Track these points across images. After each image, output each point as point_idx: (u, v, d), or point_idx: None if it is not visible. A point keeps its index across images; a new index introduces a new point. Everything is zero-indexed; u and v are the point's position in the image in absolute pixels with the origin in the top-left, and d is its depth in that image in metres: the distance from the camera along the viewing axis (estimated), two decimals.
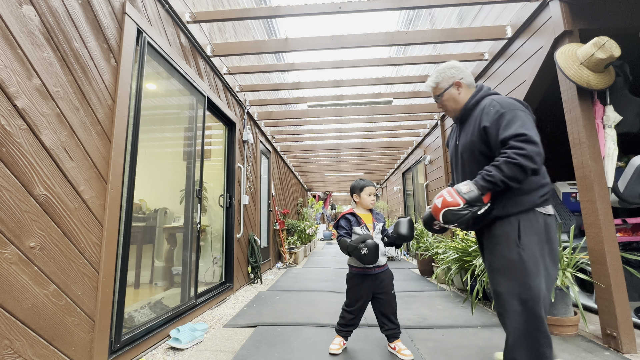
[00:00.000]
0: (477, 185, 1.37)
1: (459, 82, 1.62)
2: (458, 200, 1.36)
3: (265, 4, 6.07)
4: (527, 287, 1.33)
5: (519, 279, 1.35)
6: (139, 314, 2.28)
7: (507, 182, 1.32)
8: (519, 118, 1.36)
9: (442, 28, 3.18)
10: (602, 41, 1.99)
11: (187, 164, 2.99)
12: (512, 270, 1.37)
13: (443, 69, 1.66)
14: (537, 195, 1.41)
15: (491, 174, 1.34)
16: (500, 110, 1.41)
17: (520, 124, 1.34)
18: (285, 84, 4.49)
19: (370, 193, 2.12)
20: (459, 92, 1.62)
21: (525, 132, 1.31)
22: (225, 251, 3.83)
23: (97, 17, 1.81)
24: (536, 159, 1.28)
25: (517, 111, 1.39)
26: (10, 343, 1.27)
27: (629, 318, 1.95)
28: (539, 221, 1.40)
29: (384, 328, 2.02)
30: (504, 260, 1.40)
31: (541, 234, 1.39)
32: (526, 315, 1.33)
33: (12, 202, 1.30)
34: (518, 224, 1.39)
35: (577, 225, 3.35)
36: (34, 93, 1.42)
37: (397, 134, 6.64)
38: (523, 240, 1.37)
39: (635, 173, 2.53)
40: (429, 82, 1.70)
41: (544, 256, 1.38)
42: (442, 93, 1.64)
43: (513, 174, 1.30)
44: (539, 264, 1.36)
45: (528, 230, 1.38)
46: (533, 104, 2.92)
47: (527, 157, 1.28)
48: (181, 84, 2.82)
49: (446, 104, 1.65)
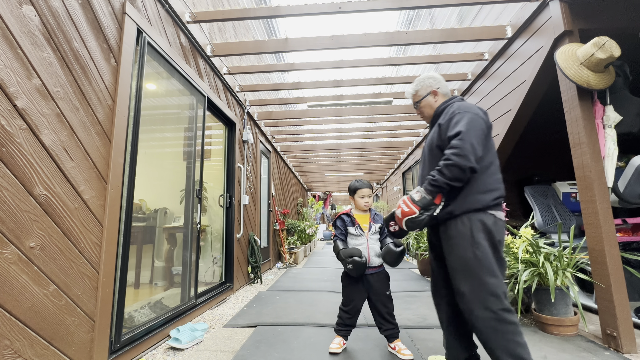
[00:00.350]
0: (426, 190, 1.47)
1: (435, 91, 1.74)
2: (414, 209, 1.48)
3: (265, 4, 6.07)
4: (486, 284, 1.38)
5: (478, 277, 1.40)
6: (139, 314, 2.28)
7: (450, 183, 1.41)
8: (465, 119, 1.45)
9: (442, 28, 3.19)
10: (602, 41, 1.99)
11: (187, 164, 2.99)
12: (470, 269, 1.42)
13: (422, 78, 1.79)
14: (490, 197, 1.47)
15: (435, 178, 1.44)
16: (455, 112, 1.52)
17: (463, 124, 1.43)
18: (285, 84, 4.49)
19: (364, 196, 2.12)
20: (435, 99, 1.75)
21: (462, 130, 1.41)
22: (225, 251, 3.83)
23: (97, 17, 1.81)
24: (470, 157, 1.37)
25: (468, 114, 1.47)
26: (10, 343, 1.27)
27: (629, 318, 1.95)
28: (489, 222, 1.45)
29: (382, 329, 2.02)
30: (462, 260, 1.45)
31: (491, 235, 1.44)
32: (491, 311, 1.36)
33: (12, 202, 1.30)
34: (470, 224, 1.45)
35: (577, 225, 3.35)
36: (34, 93, 1.42)
37: (397, 134, 6.64)
38: (476, 239, 1.43)
39: (635, 173, 2.54)
40: (409, 89, 1.83)
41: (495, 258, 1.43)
42: (420, 100, 1.78)
43: (453, 174, 1.40)
44: (493, 262, 1.41)
45: (480, 230, 1.44)
46: (533, 104, 2.93)
47: (461, 156, 1.37)
48: (181, 84, 2.82)
49: (423, 110, 1.79)
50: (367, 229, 2.09)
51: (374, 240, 2.09)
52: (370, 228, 2.10)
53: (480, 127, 1.44)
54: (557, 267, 2.27)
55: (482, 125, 1.46)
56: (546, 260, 2.30)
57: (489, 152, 1.51)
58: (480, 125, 1.45)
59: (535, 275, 2.27)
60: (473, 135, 1.41)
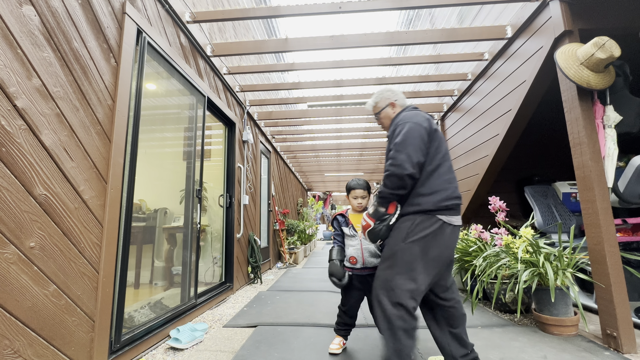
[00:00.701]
0: (377, 203, 1.59)
1: (393, 103, 1.83)
2: (370, 222, 1.61)
3: (265, 4, 6.07)
4: (390, 281, 1.48)
5: (389, 272, 1.50)
6: (139, 314, 2.28)
7: (394, 192, 1.51)
8: (404, 129, 1.54)
9: (442, 28, 3.18)
10: (602, 41, 1.99)
11: (187, 164, 2.99)
12: (390, 261, 1.53)
13: (381, 91, 1.89)
14: (435, 198, 1.51)
15: (380, 190, 1.54)
16: (398, 123, 1.61)
17: (401, 135, 1.52)
18: (285, 84, 4.49)
19: (357, 196, 2.11)
20: (393, 111, 1.83)
21: (398, 142, 1.51)
22: (225, 251, 3.83)
23: (97, 17, 1.81)
24: (405, 165, 1.45)
25: (408, 123, 1.55)
26: (10, 343, 1.27)
27: (629, 318, 1.95)
28: (434, 225, 1.49)
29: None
30: (389, 250, 1.56)
31: (429, 239, 1.48)
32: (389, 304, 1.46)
33: (12, 202, 1.30)
34: (411, 223, 1.52)
35: (577, 225, 3.35)
36: (34, 93, 1.42)
37: None
38: (410, 239, 1.49)
39: (635, 173, 2.54)
40: (369, 102, 1.93)
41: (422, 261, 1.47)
42: (380, 111, 1.87)
43: (393, 184, 1.49)
44: (415, 265, 1.47)
45: (418, 231, 1.50)
46: (533, 104, 2.92)
47: (396, 165, 1.47)
48: (181, 84, 2.82)
49: (383, 121, 1.88)
50: (360, 229, 2.08)
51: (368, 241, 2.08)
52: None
53: (418, 135, 1.51)
54: (557, 267, 2.27)
55: (420, 132, 1.52)
56: (546, 260, 2.30)
57: (436, 156, 1.56)
58: (419, 132, 1.52)
59: (535, 275, 2.27)
60: (409, 144, 1.49)
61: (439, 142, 1.60)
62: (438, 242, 1.50)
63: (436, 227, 1.50)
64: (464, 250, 3.21)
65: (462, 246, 3.31)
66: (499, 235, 2.78)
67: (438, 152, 1.58)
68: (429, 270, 1.49)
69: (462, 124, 4.40)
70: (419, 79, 4.09)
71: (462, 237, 3.54)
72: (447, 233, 1.51)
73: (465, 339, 1.61)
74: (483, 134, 3.71)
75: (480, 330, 2.35)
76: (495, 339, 2.18)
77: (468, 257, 3.10)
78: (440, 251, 1.51)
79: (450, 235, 1.53)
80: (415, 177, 1.50)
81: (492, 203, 2.88)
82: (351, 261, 2.00)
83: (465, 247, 3.23)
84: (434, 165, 1.55)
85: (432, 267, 1.49)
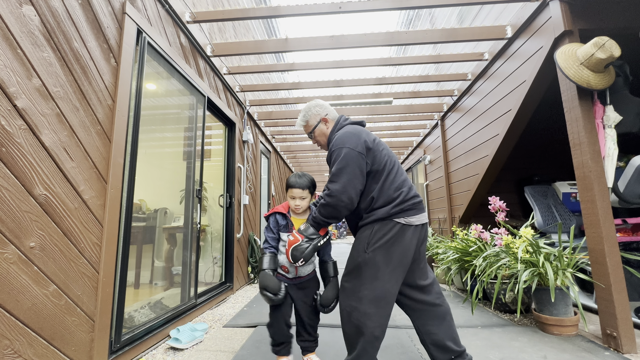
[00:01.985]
0: (310, 223, 1.59)
1: (325, 119, 1.76)
2: (298, 238, 1.58)
3: (265, 4, 6.07)
4: (358, 292, 1.46)
5: (356, 283, 1.48)
6: (139, 314, 2.28)
7: (327, 220, 1.53)
8: (339, 157, 1.50)
9: (442, 28, 3.18)
10: (602, 41, 1.99)
11: (187, 164, 2.99)
12: (354, 272, 1.50)
13: (309, 107, 1.79)
14: (387, 209, 1.49)
15: (315, 216, 1.56)
16: (332, 147, 1.57)
17: (337, 163, 1.49)
18: (285, 84, 4.49)
19: (294, 196, 1.75)
20: (327, 127, 1.76)
21: (334, 172, 1.49)
22: (225, 251, 3.83)
23: (97, 17, 1.81)
24: (341, 197, 1.45)
25: (343, 149, 1.51)
26: (10, 343, 1.27)
27: (629, 318, 1.95)
28: (393, 230, 1.47)
29: (299, 337, 1.83)
30: (352, 262, 1.53)
31: (390, 244, 1.46)
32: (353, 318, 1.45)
33: (12, 202, 1.30)
34: (371, 231, 1.50)
35: (577, 225, 3.35)
36: (34, 93, 1.42)
37: (397, 134, 6.64)
38: (371, 247, 1.47)
39: (635, 173, 2.54)
40: (299, 121, 1.83)
41: (387, 267, 1.46)
42: (312, 129, 1.78)
43: (328, 213, 1.51)
44: (380, 274, 1.45)
45: (378, 238, 1.47)
46: (533, 104, 2.92)
47: (332, 197, 1.47)
48: (181, 84, 2.82)
49: (319, 139, 1.79)
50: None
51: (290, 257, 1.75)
52: None
53: (354, 163, 1.48)
54: (557, 267, 2.27)
55: (356, 158, 1.48)
56: (546, 260, 2.30)
57: (380, 168, 1.52)
58: (355, 159, 1.48)
59: (535, 275, 2.27)
60: (345, 173, 1.46)
61: (380, 152, 1.55)
62: (400, 245, 1.46)
63: (395, 230, 1.46)
64: (464, 250, 3.21)
65: (462, 246, 3.31)
66: (499, 235, 2.78)
67: (381, 163, 1.53)
68: (396, 275, 1.47)
69: (462, 124, 4.40)
70: (419, 79, 4.09)
71: (462, 237, 3.54)
72: (408, 235, 1.48)
73: (450, 345, 1.49)
74: (483, 134, 3.71)
75: (480, 330, 2.35)
76: (495, 339, 2.18)
77: (468, 257, 3.10)
78: (404, 254, 1.47)
79: (412, 237, 1.49)
80: (350, 208, 1.49)
81: (492, 203, 2.88)
82: (283, 269, 1.76)
83: (465, 247, 3.24)
84: (382, 177, 1.52)
85: (398, 272, 1.47)
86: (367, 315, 1.42)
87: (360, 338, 1.43)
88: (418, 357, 1.92)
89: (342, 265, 4.28)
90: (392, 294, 1.47)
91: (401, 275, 1.49)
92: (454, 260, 3.29)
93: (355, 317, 1.44)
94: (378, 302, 1.43)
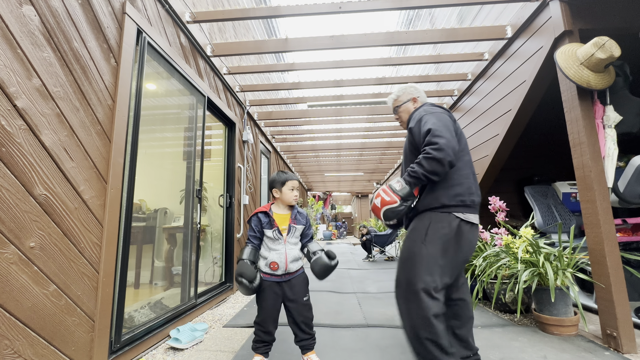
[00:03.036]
0: (406, 181, 1.48)
1: (415, 99, 1.84)
2: (395, 198, 1.48)
3: (265, 4, 6.07)
4: (417, 283, 1.42)
5: (413, 272, 1.45)
6: (139, 314, 2.28)
7: (428, 175, 1.43)
8: (433, 117, 1.51)
9: (442, 28, 3.18)
10: (602, 41, 1.99)
11: (187, 164, 2.99)
12: (410, 262, 1.48)
13: (405, 87, 1.89)
14: (449, 194, 1.50)
15: (414, 170, 1.45)
16: (422, 114, 1.59)
17: (432, 122, 1.48)
18: (285, 84, 4.49)
19: (294, 188, 1.88)
20: (414, 106, 1.83)
21: (433, 128, 1.45)
22: (225, 251, 3.83)
23: (97, 17, 1.81)
24: (448, 151, 1.40)
25: (434, 114, 1.54)
26: (10, 343, 1.27)
27: (629, 318, 1.95)
28: (451, 225, 1.47)
29: (296, 338, 1.83)
30: (408, 252, 1.51)
31: (447, 238, 1.46)
32: (414, 306, 1.41)
33: (12, 202, 1.30)
34: (429, 222, 1.50)
35: (577, 225, 3.35)
36: (34, 93, 1.42)
37: (397, 134, 6.64)
38: (428, 238, 1.47)
39: (635, 173, 2.53)
40: (391, 96, 1.92)
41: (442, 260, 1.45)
42: (400, 105, 1.87)
43: (431, 167, 1.41)
44: (434, 266, 1.44)
45: (435, 231, 1.47)
46: (533, 104, 2.92)
47: (440, 150, 1.40)
48: (181, 84, 2.82)
49: (401, 114, 1.87)
50: (285, 232, 1.83)
51: (293, 244, 1.84)
52: (289, 230, 1.83)
53: (450, 124, 1.50)
54: (557, 267, 2.27)
55: (450, 122, 1.52)
56: (546, 260, 2.30)
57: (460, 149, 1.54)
58: (449, 122, 1.52)
59: (535, 275, 2.27)
60: (445, 130, 1.45)
61: (459, 136, 1.59)
62: (457, 241, 1.47)
63: (454, 225, 1.47)
64: None
65: None
66: (499, 235, 2.78)
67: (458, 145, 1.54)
68: (448, 270, 1.46)
69: (462, 124, 4.40)
70: (419, 79, 4.09)
71: None
72: (465, 231, 1.49)
73: (471, 342, 1.58)
74: (483, 134, 3.71)
75: (480, 330, 2.35)
76: (495, 339, 2.18)
77: None
78: (459, 250, 1.48)
79: (468, 234, 1.50)
80: (451, 166, 1.43)
81: (492, 203, 2.88)
82: (272, 267, 1.77)
83: None
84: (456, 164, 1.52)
85: (451, 267, 1.47)
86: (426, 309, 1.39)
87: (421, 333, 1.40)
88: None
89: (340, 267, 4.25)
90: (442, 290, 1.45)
91: (454, 272, 1.49)
92: None
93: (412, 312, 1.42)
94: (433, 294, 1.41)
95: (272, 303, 1.78)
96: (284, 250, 1.80)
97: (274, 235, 1.79)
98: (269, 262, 1.78)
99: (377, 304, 3.14)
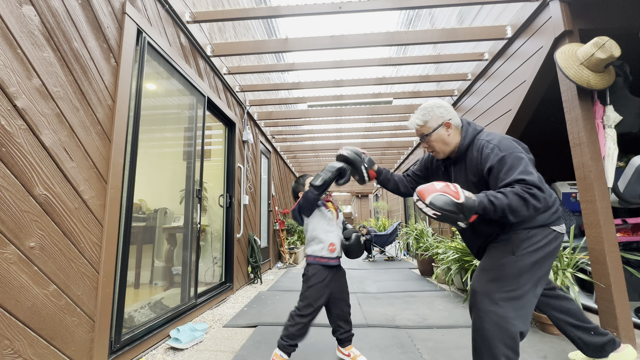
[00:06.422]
0: (479, 199, 1.30)
1: (448, 123, 1.55)
2: (460, 195, 1.29)
3: (265, 4, 6.07)
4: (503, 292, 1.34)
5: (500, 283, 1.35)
6: (139, 314, 2.28)
7: (507, 211, 1.28)
8: (520, 162, 1.35)
9: (442, 28, 3.18)
10: (602, 41, 1.99)
11: (187, 164, 2.99)
12: (497, 272, 1.38)
13: (431, 107, 1.59)
14: (550, 212, 1.45)
15: (497, 197, 1.29)
16: (500, 153, 1.39)
17: (522, 170, 1.33)
18: (285, 84, 4.49)
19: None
20: (448, 133, 1.56)
21: (527, 179, 1.30)
22: (225, 251, 3.83)
23: (97, 17, 1.81)
24: (541, 200, 1.28)
25: (516, 154, 1.38)
26: (10, 343, 1.27)
27: (629, 318, 1.95)
28: (547, 238, 1.41)
29: (339, 332, 1.82)
30: (495, 261, 1.41)
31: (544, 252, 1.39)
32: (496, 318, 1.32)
33: (12, 202, 1.30)
34: (527, 236, 1.40)
35: (577, 225, 3.35)
36: (34, 93, 1.42)
37: (397, 134, 6.64)
38: (520, 251, 1.37)
39: (635, 173, 2.53)
40: (415, 119, 1.62)
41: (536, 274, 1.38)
42: (430, 133, 1.57)
43: (517, 205, 1.27)
44: (527, 279, 1.36)
45: (532, 244, 1.39)
46: (533, 104, 2.92)
47: (534, 196, 1.27)
48: (181, 84, 2.82)
49: (434, 144, 1.59)
50: (336, 216, 1.86)
51: (339, 229, 1.85)
52: (338, 215, 1.88)
53: (534, 168, 1.38)
54: (557, 267, 2.27)
55: (532, 163, 1.40)
56: None
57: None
58: (532, 164, 1.39)
59: None
60: (538, 178, 1.32)
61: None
62: (552, 253, 1.42)
63: (551, 237, 1.42)
64: (464, 250, 3.21)
65: (462, 246, 3.31)
66: None
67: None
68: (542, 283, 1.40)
69: None
70: (419, 79, 4.09)
71: None
72: (559, 243, 1.45)
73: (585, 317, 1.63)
74: None
75: None
76: None
77: (468, 257, 3.10)
78: (552, 262, 1.43)
79: (559, 246, 1.46)
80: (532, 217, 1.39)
81: None
82: (330, 249, 1.73)
83: (465, 247, 3.23)
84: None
85: (543, 280, 1.41)
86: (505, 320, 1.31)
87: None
88: (418, 357, 1.92)
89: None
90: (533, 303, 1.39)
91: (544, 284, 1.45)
92: (454, 260, 3.29)
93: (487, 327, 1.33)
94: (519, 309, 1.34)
95: (324, 293, 1.73)
96: (337, 232, 1.80)
97: (330, 215, 1.79)
98: (327, 245, 1.74)
99: (377, 304, 3.14)
